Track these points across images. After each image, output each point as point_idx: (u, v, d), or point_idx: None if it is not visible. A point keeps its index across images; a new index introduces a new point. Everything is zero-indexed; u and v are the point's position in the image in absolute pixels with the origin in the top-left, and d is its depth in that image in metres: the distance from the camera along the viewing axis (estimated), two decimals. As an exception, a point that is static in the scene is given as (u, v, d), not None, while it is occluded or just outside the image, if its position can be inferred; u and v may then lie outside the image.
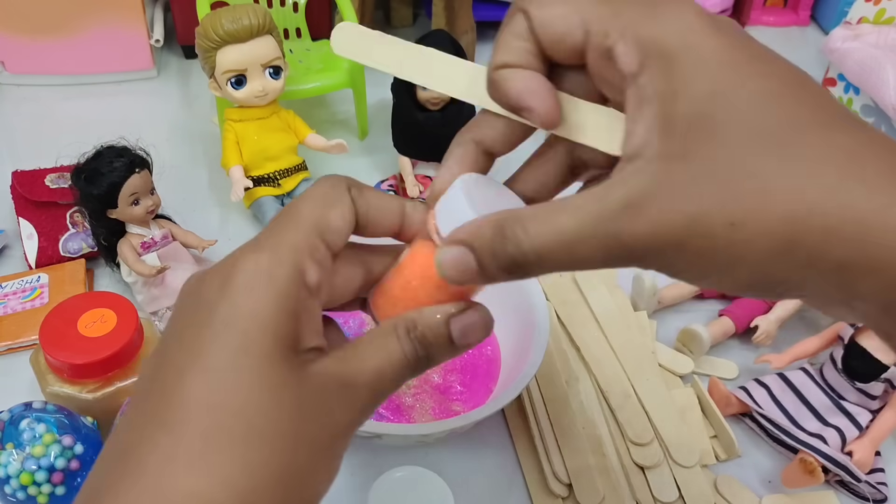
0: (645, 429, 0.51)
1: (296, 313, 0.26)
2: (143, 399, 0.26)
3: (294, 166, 0.67)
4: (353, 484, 0.50)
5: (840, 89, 0.81)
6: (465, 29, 0.83)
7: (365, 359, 0.27)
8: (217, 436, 0.24)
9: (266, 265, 0.26)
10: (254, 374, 0.25)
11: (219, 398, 0.25)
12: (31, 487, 0.44)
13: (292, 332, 0.26)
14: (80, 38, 0.78)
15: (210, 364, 0.25)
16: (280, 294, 0.26)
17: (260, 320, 0.25)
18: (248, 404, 0.25)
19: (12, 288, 0.59)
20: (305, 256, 0.26)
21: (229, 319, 0.25)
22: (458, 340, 0.29)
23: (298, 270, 0.26)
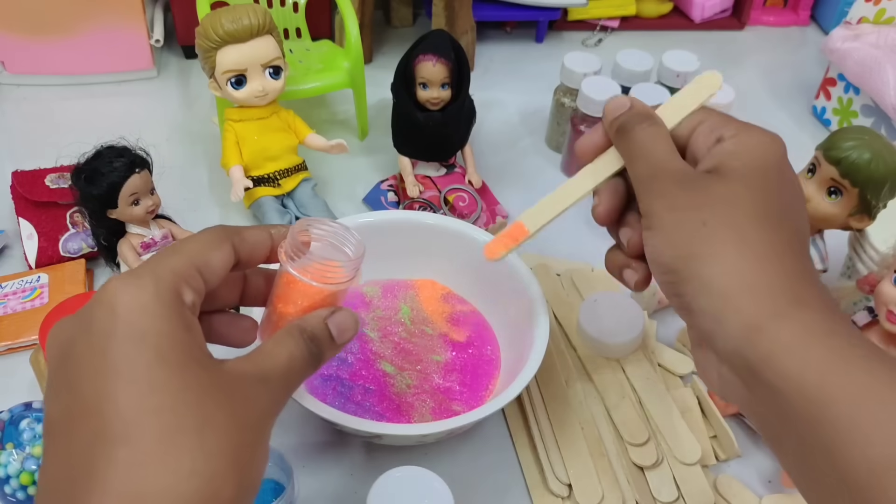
0: (639, 429, 0.51)
1: (186, 326, 0.30)
2: (73, 429, 0.27)
3: (294, 166, 0.67)
4: (352, 484, 0.50)
5: (840, 89, 0.81)
6: (465, 29, 0.83)
7: (275, 357, 0.32)
8: (168, 435, 0.27)
9: (150, 288, 0.29)
10: (177, 378, 0.28)
11: (155, 404, 0.27)
12: (31, 487, 0.44)
13: (190, 342, 0.29)
14: (80, 38, 0.78)
15: (133, 379, 0.27)
16: (172, 311, 0.29)
17: (164, 334, 0.29)
18: (183, 403, 0.27)
19: (12, 288, 0.59)
20: (182, 281, 0.31)
21: (135, 338, 0.28)
22: (337, 337, 0.35)
23: (176, 291, 0.30)
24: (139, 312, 0.29)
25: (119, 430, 0.26)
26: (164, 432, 0.27)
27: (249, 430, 0.29)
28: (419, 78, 0.63)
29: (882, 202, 0.53)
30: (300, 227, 0.36)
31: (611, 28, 0.97)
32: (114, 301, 0.29)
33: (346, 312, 0.36)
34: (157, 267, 0.31)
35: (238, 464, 0.28)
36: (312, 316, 0.35)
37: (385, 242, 0.57)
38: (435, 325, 0.56)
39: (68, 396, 0.28)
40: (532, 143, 0.80)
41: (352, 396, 0.51)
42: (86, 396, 0.27)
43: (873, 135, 0.52)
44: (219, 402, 0.28)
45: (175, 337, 0.29)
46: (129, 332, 0.28)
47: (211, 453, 0.27)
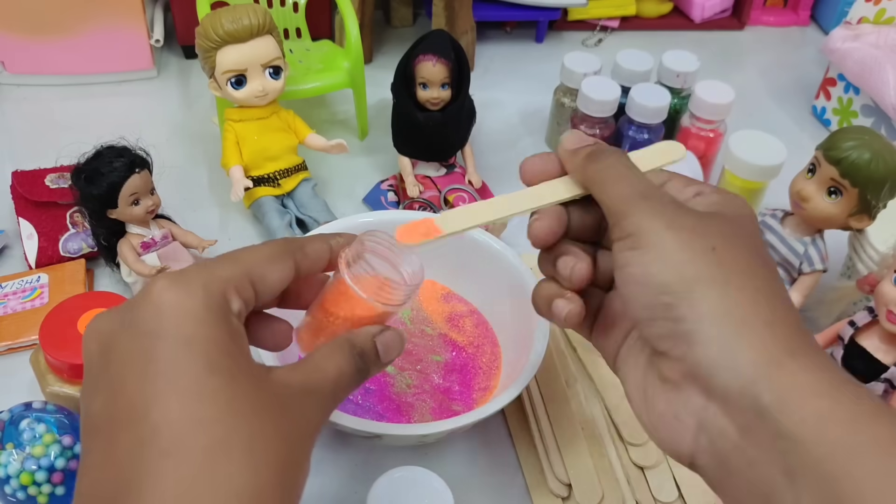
0: (640, 429, 0.51)
1: (232, 334, 0.29)
2: (117, 431, 0.27)
3: (294, 166, 0.67)
4: (352, 484, 0.50)
5: (840, 89, 0.81)
6: (465, 29, 0.83)
7: (325, 370, 0.32)
8: (217, 448, 0.26)
9: (199, 293, 0.29)
10: (226, 389, 0.27)
11: (204, 414, 0.26)
12: (31, 487, 0.44)
13: (239, 352, 0.29)
14: (80, 38, 0.78)
15: (183, 386, 0.27)
16: (218, 318, 0.29)
17: (213, 341, 0.28)
18: (232, 415, 0.27)
19: (12, 288, 0.59)
20: (231, 288, 0.30)
21: (184, 345, 0.27)
22: (383, 356, 0.35)
23: (225, 298, 0.30)
24: (186, 316, 0.28)
25: (167, 440, 0.26)
26: (214, 446, 0.26)
27: (296, 445, 0.29)
28: (419, 78, 0.63)
29: (882, 202, 0.53)
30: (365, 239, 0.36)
31: (611, 28, 0.97)
32: (160, 301, 0.28)
33: (395, 332, 0.36)
34: (207, 272, 0.30)
35: (284, 479, 0.27)
36: (362, 332, 0.34)
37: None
38: (435, 325, 0.56)
39: (111, 396, 0.27)
40: (532, 143, 0.80)
41: (352, 396, 0.51)
42: (131, 399, 0.27)
43: (873, 135, 0.53)
44: (267, 415, 0.28)
45: (223, 345, 0.28)
46: (177, 335, 0.27)
47: (259, 469, 0.27)
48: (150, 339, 0.27)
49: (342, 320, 0.35)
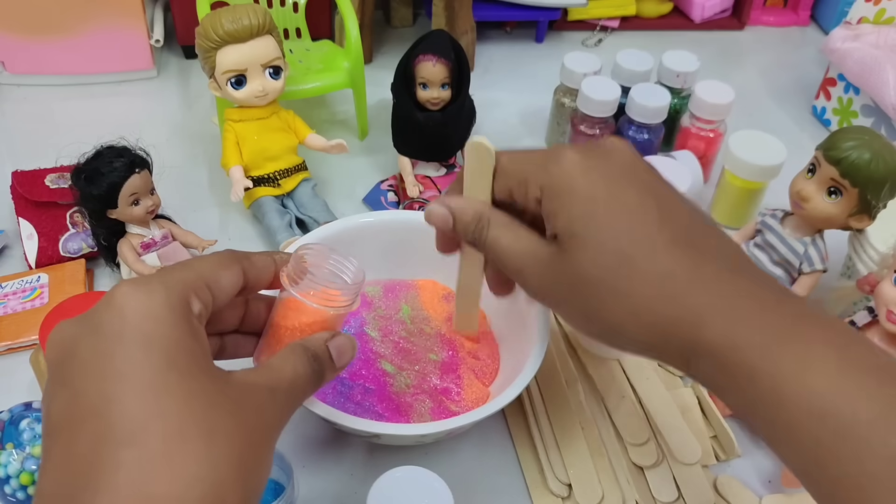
0: (640, 429, 0.51)
1: (197, 336, 0.30)
2: (76, 430, 0.27)
3: (294, 166, 0.67)
4: (352, 484, 0.50)
5: (840, 89, 0.81)
6: (465, 29, 0.83)
7: (281, 371, 0.33)
8: (175, 439, 0.27)
9: (161, 295, 0.30)
10: (185, 384, 0.28)
11: (163, 408, 0.27)
12: (31, 487, 0.44)
13: (200, 351, 0.30)
14: (80, 38, 0.78)
15: (141, 383, 0.27)
16: (180, 318, 0.30)
17: (173, 340, 0.29)
18: (190, 409, 0.27)
19: (12, 288, 0.59)
20: (190, 290, 0.31)
21: (143, 343, 0.28)
22: (336, 360, 0.37)
23: (185, 300, 0.31)
24: (148, 317, 0.29)
25: (125, 432, 0.26)
26: (172, 436, 0.27)
27: (255, 439, 0.30)
28: (419, 78, 0.63)
29: (882, 202, 0.53)
30: (302, 254, 0.38)
31: (611, 28, 0.97)
32: (123, 305, 0.29)
33: (346, 337, 0.38)
34: (167, 276, 0.31)
35: (243, 471, 0.28)
36: (314, 338, 0.36)
37: (386, 242, 0.57)
38: (435, 325, 0.56)
39: (70, 397, 0.28)
40: (532, 143, 0.80)
41: (351, 396, 0.51)
42: (90, 398, 0.27)
43: (873, 135, 0.53)
44: (226, 410, 0.29)
45: (183, 344, 0.29)
46: (138, 335, 0.28)
47: (218, 460, 0.27)
48: (110, 340, 0.28)
49: (294, 331, 0.37)
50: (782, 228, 0.58)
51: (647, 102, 0.69)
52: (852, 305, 0.59)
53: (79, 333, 0.29)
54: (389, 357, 0.53)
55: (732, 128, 0.70)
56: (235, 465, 0.28)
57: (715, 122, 0.71)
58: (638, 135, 0.71)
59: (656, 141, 0.72)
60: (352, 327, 0.55)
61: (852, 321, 0.52)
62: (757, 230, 0.60)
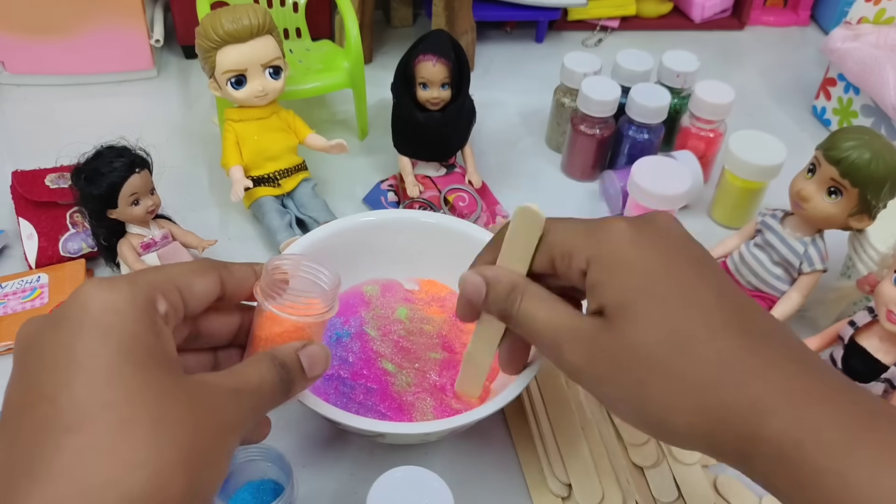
0: (643, 429, 0.51)
1: (155, 332, 0.30)
2: (23, 415, 0.28)
3: (294, 166, 0.67)
4: (352, 484, 0.50)
5: (840, 89, 0.81)
6: (465, 29, 0.83)
7: (248, 374, 0.33)
8: (121, 427, 0.27)
9: (125, 291, 0.30)
10: (138, 376, 0.28)
11: (111, 397, 0.27)
12: (31, 487, 0.43)
13: (159, 347, 0.30)
14: (80, 38, 0.78)
15: (94, 371, 0.28)
16: (142, 314, 0.30)
17: (131, 334, 0.29)
18: (140, 399, 0.28)
19: (12, 288, 0.59)
20: (157, 291, 0.32)
21: (101, 334, 0.28)
22: (308, 370, 0.36)
23: (150, 298, 0.31)
24: (110, 312, 0.29)
25: (71, 418, 0.27)
26: (117, 424, 0.27)
27: (209, 436, 0.29)
28: (419, 78, 0.63)
29: (882, 202, 0.53)
30: (274, 265, 0.38)
31: (611, 28, 0.97)
32: (86, 300, 0.29)
33: (318, 347, 0.37)
34: (135, 276, 0.32)
35: (190, 464, 0.28)
36: (284, 347, 0.36)
37: (385, 242, 0.57)
38: (435, 324, 0.56)
39: (25, 384, 0.28)
40: (532, 143, 0.80)
41: (354, 396, 0.51)
42: (42, 384, 0.28)
43: (873, 135, 0.53)
44: (177, 403, 0.29)
45: (141, 338, 0.29)
46: (97, 327, 0.29)
47: (162, 448, 0.27)
48: (70, 330, 0.29)
49: (269, 340, 0.38)
50: (782, 228, 0.58)
51: (647, 102, 0.69)
52: (852, 305, 0.59)
53: (42, 326, 0.30)
54: (389, 356, 0.53)
55: (732, 128, 0.70)
56: (183, 456, 0.28)
57: (715, 122, 0.71)
58: (638, 135, 0.71)
59: (656, 141, 0.72)
60: (352, 327, 0.55)
61: (852, 321, 0.52)
62: (757, 230, 0.60)
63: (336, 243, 0.55)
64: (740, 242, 0.61)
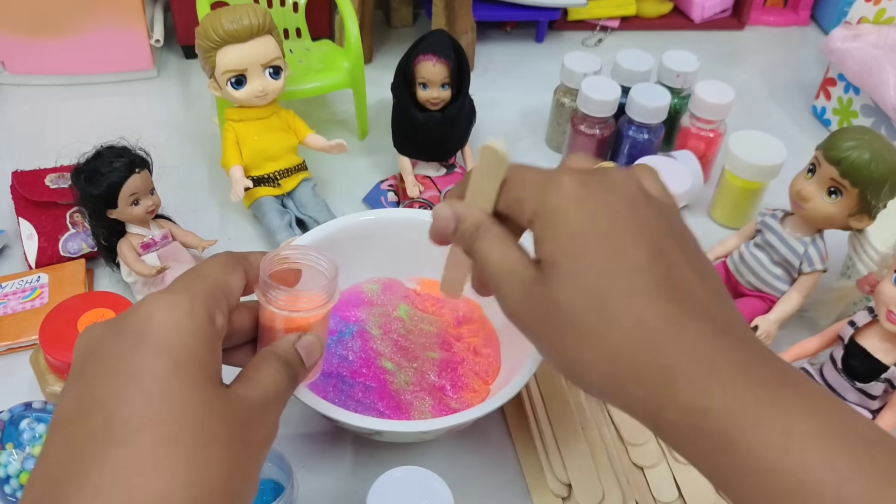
0: (640, 429, 0.51)
1: (212, 347, 0.31)
2: (77, 423, 0.28)
3: (294, 166, 0.67)
4: (353, 484, 0.50)
5: (840, 89, 0.81)
6: (465, 29, 0.83)
7: (266, 383, 0.33)
8: (168, 444, 0.27)
9: (187, 305, 0.31)
10: (188, 393, 0.29)
11: (162, 413, 0.28)
12: (31, 487, 0.44)
13: (212, 364, 0.31)
14: (80, 38, 0.78)
15: (149, 385, 0.28)
16: (201, 329, 0.31)
17: (189, 349, 0.30)
18: (190, 416, 0.28)
19: (12, 288, 0.59)
20: (214, 305, 0.32)
21: (161, 349, 0.29)
22: (306, 360, 0.37)
23: (210, 313, 0.32)
24: (171, 327, 0.30)
25: (121, 431, 0.27)
26: (165, 440, 0.27)
27: (248, 453, 0.30)
28: (419, 78, 0.63)
29: (882, 202, 0.53)
30: (270, 260, 0.38)
31: (611, 28, 0.97)
32: (150, 312, 0.30)
33: (312, 336, 0.38)
34: (192, 288, 0.32)
35: (232, 482, 0.29)
36: (283, 342, 0.37)
37: (386, 241, 0.57)
38: (435, 323, 0.56)
39: (82, 390, 0.29)
40: (532, 143, 0.80)
41: (352, 394, 0.51)
42: (96, 393, 0.28)
43: (873, 135, 0.53)
44: (223, 421, 0.29)
45: (198, 354, 0.30)
46: (157, 341, 0.29)
47: (209, 468, 0.28)
48: (131, 342, 0.29)
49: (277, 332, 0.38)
50: (782, 228, 0.58)
51: (647, 102, 0.69)
52: (852, 305, 0.59)
53: (104, 334, 0.30)
54: (389, 355, 0.53)
55: (732, 128, 0.70)
56: (226, 475, 0.28)
57: (715, 122, 0.71)
58: (638, 135, 0.71)
59: (656, 141, 0.72)
60: (354, 325, 0.55)
61: (852, 321, 0.52)
62: (757, 230, 0.60)
63: (336, 242, 0.55)
64: (740, 242, 0.61)
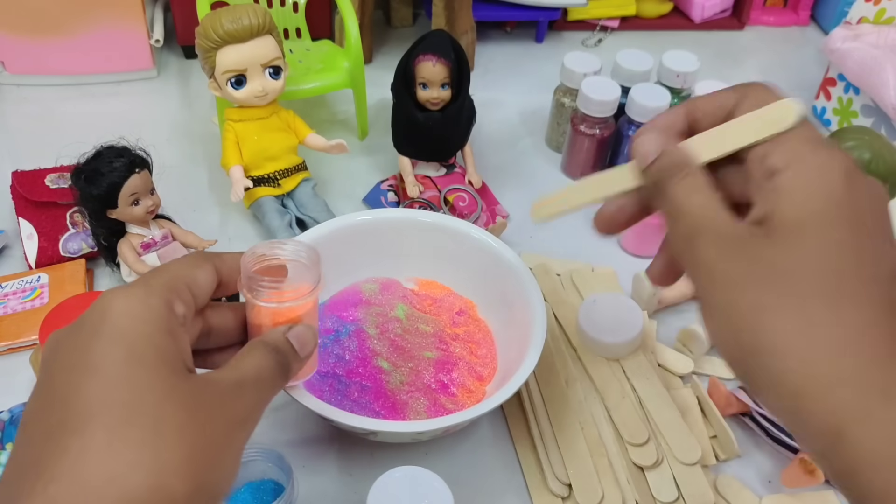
0: (639, 429, 0.51)
1: (172, 334, 0.31)
2: (39, 420, 0.29)
3: (294, 166, 0.67)
4: (352, 484, 0.50)
5: (840, 89, 0.81)
6: (465, 29, 0.83)
7: (246, 366, 0.34)
8: (122, 428, 0.27)
9: (142, 296, 0.31)
10: (145, 378, 0.29)
11: (117, 398, 0.28)
12: (30, 487, 0.43)
13: (172, 349, 0.31)
14: (80, 38, 0.78)
15: (104, 373, 0.29)
16: (157, 316, 0.31)
17: (144, 336, 0.30)
18: (146, 401, 0.28)
19: (12, 288, 0.59)
20: (173, 294, 0.33)
21: (115, 338, 0.29)
22: (299, 350, 0.37)
23: (167, 301, 0.32)
24: (125, 316, 0.30)
25: (77, 421, 0.27)
26: (118, 424, 0.28)
27: (214, 434, 0.30)
28: (419, 78, 0.63)
29: (882, 202, 0.53)
30: (250, 257, 0.38)
31: (611, 28, 0.97)
32: (105, 305, 0.30)
33: (304, 326, 0.38)
34: (148, 279, 0.33)
35: (195, 463, 0.29)
36: (273, 332, 0.37)
37: (384, 241, 0.57)
38: (432, 323, 0.56)
39: (44, 390, 0.29)
40: (532, 143, 0.80)
41: (348, 394, 0.51)
42: (57, 389, 0.29)
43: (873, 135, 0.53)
44: (182, 403, 0.29)
45: (154, 339, 0.30)
46: (113, 331, 0.30)
47: (163, 448, 0.28)
48: (88, 336, 0.30)
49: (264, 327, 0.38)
50: (782, 228, 0.58)
51: (647, 102, 0.69)
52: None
53: (64, 335, 0.31)
54: (385, 354, 0.53)
55: (732, 128, 0.70)
56: (186, 455, 0.28)
57: (715, 122, 0.71)
58: (638, 135, 0.71)
59: (656, 141, 0.72)
60: (351, 324, 0.55)
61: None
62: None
63: (335, 242, 0.55)
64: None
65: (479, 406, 0.46)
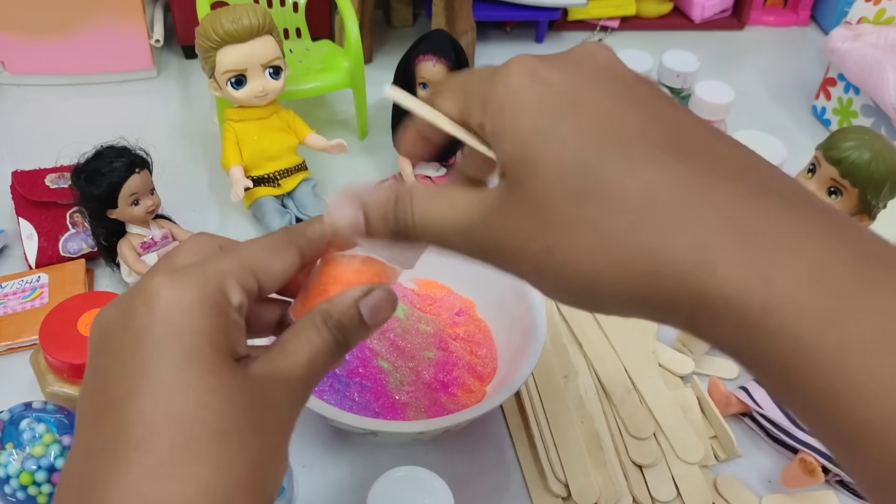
0: (645, 422, 0.51)
1: (226, 327, 0.28)
2: (96, 427, 0.27)
3: (294, 166, 0.67)
4: (353, 484, 0.50)
5: (840, 89, 0.81)
6: (465, 29, 0.83)
7: (295, 354, 0.29)
8: (184, 444, 0.26)
9: (195, 285, 0.28)
10: (202, 383, 0.27)
11: (176, 409, 0.26)
12: (31, 487, 0.44)
13: (226, 343, 0.28)
14: (80, 38, 0.78)
15: (159, 380, 0.27)
16: (213, 310, 0.28)
17: (199, 332, 0.27)
18: (205, 410, 0.27)
19: (12, 288, 0.59)
20: (231, 280, 0.29)
21: (168, 337, 0.27)
22: (369, 320, 0.31)
23: (223, 291, 0.28)
24: (178, 311, 0.27)
25: (138, 434, 0.26)
26: (178, 441, 0.26)
27: (270, 437, 0.28)
28: (419, 78, 0.63)
29: (882, 202, 0.53)
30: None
31: (611, 28, 0.97)
32: (153, 295, 0.28)
33: (382, 290, 0.31)
34: (207, 265, 0.29)
35: (255, 474, 0.27)
36: (340, 299, 0.31)
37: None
38: (432, 323, 0.56)
39: (98, 389, 0.28)
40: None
41: (349, 394, 0.51)
42: (112, 394, 0.27)
43: (873, 135, 0.53)
44: (242, 409, 0.27)
45: (211, 337, 0.28)
46: (164, 328, 0.27)
47: (224, 464, 0.26)
48: (137, 333, 0.27)
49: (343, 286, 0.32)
50: (782, 228, 0.58)
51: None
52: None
53: (113, 322, 0.28)
54: (385, 354, 0.53)
55: (732, 128, 0.70)
56: (247, 468, 0.27)
57: (715, 121, 0.71)
58: (638, 135, 0.71)
59: (656, 141, 0.72)
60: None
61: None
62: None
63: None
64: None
65: (479, 406, 0.46)
